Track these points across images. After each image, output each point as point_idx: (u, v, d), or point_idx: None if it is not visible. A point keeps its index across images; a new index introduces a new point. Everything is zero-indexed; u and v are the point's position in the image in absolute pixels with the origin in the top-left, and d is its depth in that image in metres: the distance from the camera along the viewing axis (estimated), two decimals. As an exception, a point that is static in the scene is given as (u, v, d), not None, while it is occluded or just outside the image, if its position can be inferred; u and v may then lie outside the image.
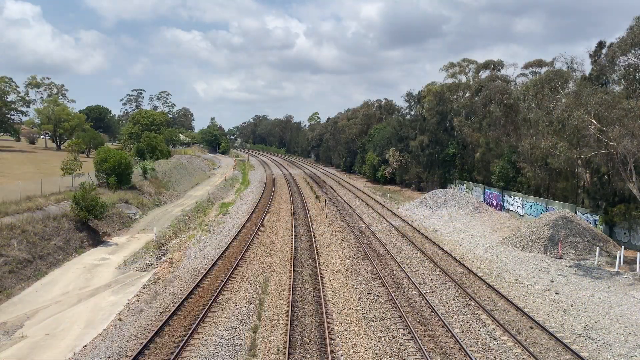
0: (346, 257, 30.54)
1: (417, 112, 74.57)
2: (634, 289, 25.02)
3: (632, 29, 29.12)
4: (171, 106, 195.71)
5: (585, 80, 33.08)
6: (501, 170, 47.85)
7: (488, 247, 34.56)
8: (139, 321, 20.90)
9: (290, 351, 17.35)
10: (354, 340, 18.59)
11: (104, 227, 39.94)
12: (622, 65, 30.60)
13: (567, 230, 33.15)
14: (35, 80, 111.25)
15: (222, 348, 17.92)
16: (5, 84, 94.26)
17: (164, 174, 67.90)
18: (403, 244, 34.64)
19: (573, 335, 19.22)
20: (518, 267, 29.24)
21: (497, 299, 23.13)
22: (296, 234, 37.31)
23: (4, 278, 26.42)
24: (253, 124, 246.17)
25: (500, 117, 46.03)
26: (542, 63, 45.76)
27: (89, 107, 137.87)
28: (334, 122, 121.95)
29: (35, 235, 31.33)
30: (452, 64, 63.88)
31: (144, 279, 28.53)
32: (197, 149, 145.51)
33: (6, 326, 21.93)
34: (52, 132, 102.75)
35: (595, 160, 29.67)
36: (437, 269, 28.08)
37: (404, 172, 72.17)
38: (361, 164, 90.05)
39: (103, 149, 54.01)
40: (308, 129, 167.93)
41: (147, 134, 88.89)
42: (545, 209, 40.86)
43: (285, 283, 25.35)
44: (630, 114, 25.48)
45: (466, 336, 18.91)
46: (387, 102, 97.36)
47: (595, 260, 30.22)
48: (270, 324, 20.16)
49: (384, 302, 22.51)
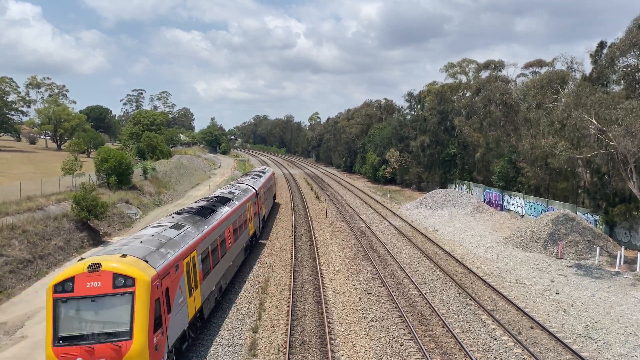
0: (346, 257, 30.55)
1: (418, 112, 74.56)
2: (634, 289, 25.02)
3: (631, 31, 29.12)
4: (171, 106, 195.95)
5: (586, 80, 33.05)
6: (501, 170, 47.84)
7: (488, 247, 34.56)
8: (139, 321, 20.88)
9: (290, 351, 17.37)
10: (355, 340, 18.60)
11: (105, 227, 39.98)
12: (622, 65, 30.58)
13: (568, 230, 33.15)
14: (36, 81, 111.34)
15: (222, 348, 17.94)
16: (5, 84, 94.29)
17: (165, 174, 67.95)
18: (403, 243, 34.64)
19: (573, 335, 19.22)
20: (518, 267, 29.24)
21: (498, 299, 23.14)
22: (296, 233, 37.32)
23: (5, 278, 26.44)
24: (253, 124, 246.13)
25: (501, 117, 46.01)
26: (542, 63, 45.72)
27: (89, 107, 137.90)
28: (334, 122, 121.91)
29: (36, 235, 31.35)
30: (452, 64, 63.89)
31: (144, 279, 28.52)
32: (198, 149, 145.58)
33: (7, 326, 21.95)
34: (53, 132, 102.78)
35: (595, 160, 29.62)
36: (438, 268, 28.08)
37: (404, 172, 72.17)
38: (361, 164, 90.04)
39: (103, 149, 54.00)
40: (308, 129, 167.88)
41: (147, 134, 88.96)
42: (545, 208, 40.86)
43: (285, 283, 25.36)
44: (631, 114, 25.47)
45: (466, 336, 18.92)
46: (388, 102, 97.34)
47: (596, 260, 30.22)
48: (271, 323, 20.17)
49: (385, 302, 22.52)
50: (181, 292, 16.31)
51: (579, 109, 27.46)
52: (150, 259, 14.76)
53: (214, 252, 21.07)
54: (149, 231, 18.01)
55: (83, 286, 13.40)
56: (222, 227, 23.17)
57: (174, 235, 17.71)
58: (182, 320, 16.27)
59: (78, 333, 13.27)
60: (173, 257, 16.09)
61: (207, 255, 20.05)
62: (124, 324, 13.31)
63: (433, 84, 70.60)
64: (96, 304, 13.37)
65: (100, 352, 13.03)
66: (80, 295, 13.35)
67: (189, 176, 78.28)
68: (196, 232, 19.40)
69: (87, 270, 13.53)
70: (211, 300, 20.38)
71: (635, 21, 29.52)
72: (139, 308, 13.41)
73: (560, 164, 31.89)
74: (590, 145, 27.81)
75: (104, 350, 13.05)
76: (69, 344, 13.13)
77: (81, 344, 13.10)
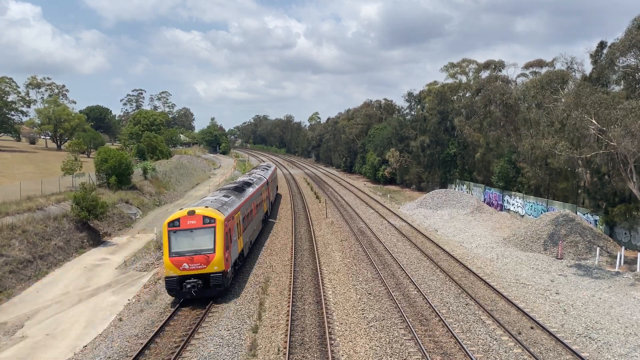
0: (346, 257, 30.55)
1: (418, 112, 74.52)
2: (634, 289, 25.02)
3: (630, 31, 29.11)
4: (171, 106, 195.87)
5: (586, 80, 33.04)
6: (501, 170, 47.84)
7: (488, 247, 34.55)
8: (139, 321, 20.93)
9: (290, 351, 17.36)
10: (355, 340, 18.60)
11: (105, 227, 39.96)
12: (622, 66, 30.57)
13: (568, 230, 33.15)
14: (36, 81, 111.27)
15: (222, 348, 17.93)
16: (5, 84, 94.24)
17: (165, 174, 67.94)
18: (403, 244, 34.63)
19: (573, 336, 19.22)
20: (518, 267, 29.23)
21: (498, 299, 23.13)
22: (296, 233, 37.32)
23: (5, 278, 26.43)
24: (253, 124, 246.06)
25: (501, 117, 46.00)
26: (542, 63, 45.70)
27: (89, 107, 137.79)
28: (334, 122, 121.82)
29: (36, 235, 31.34)
30: (452, 64, 63.84)
31: (144, 279, 28.54)
32: (198, 149, 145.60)
33: (7, 326, 21.94)
34: (53, 132, 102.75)
35: (595, 160, 29.60)
36: (438, 269, 28.08)
37: (404, 172, 72.16)
38: (361, 164, 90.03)
39: (103, 149, 54.00)
40: (308, 129, 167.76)
41: (147, 134, 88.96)
42: (545, 209, 40.85)
43: (285, 283, 25.36)
44: (631, 114, 25.46)
45: (466, 336, 18.91)
46: (387, 102, 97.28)
47: (596, 260, 30.21)
48: (271, 324, 20.17)
49: (385, 302, 22.51)
50: (234, 234, 25.66)
51: (579, 109, 27.45)
52: (220, 210, 24.26)
53: (247, 216, 30.61)
54: (209, 198, 28.16)
55: (185, 223, 22.61)
56: (250, 201, 32.57)
57: (226, 200, 27.46)
58: (236, 250, 25.76)
59: (182, 249, 22.37)
60: (230, 211, 25.38)
61: (245, 217, 29.45)
62: (210, 244, 22.52)
63: (433, 83, 70.56)
64: (193, 233, 22.59)
65: (197, 260, 22.26)
66: (184, 228, 22.57)
67: (189, 176, 78.28)
68: (237, 201, 29.02)
69: (187, 214, 22.78)
70: (247, 247, 29.97)
71: (635, 21, 29.52)
72: (218, 236, 22.63)
73: (560, 164, 31.88)
74: (590, 145, 27.79)
75: (199, 259, 22.27)
76: (178, 255, 22.26)
77: (185, 255, 22.25)
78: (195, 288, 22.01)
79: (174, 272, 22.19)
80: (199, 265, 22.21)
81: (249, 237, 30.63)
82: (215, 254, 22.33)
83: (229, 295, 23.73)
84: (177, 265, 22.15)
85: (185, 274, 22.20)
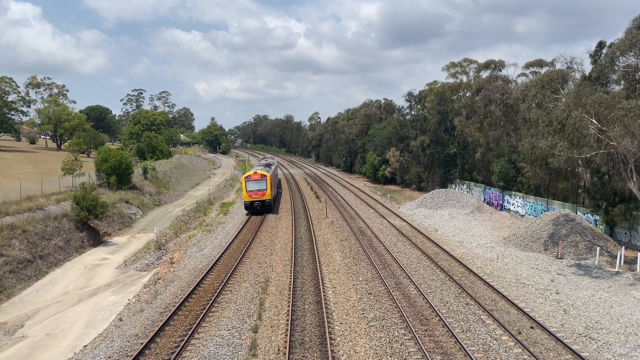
0: (347, 257, 30.55)
1: (418, 112, 74.54)
2: (634, 289, 25.03)
3: (630, 31, 29.12)
4: (171, 106, 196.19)
5: (586, 80, 33.05)
6: (501, 170, 47.86)
7: (488, 247, 34.56)
8: (139, 321, 20.92)
9: (290, 351, 17.36)
10: (355, 340, 18.60)
11: (105, 227, 39.97)
12: (622, 65, 30.58)
13: (568, 229, 33.15)
14: (36, 80, 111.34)
15: (222, 348, 17.93)
16: (5, 84, 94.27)
17: (165, 174, 67.94)
18: (403, 243, 34.63)
19: (573, 335, 19.22)
20: (518, 267, 29.23)
21: (498, 299, 23.14)
22: (296, 233, 37.32)
23: (5, 278, 26.44)
24: (254, 124, 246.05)
25: (501, 117, 46.02)
26: (542, 63, 45.70)
27: (89, 107, 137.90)
28: (334, 122, 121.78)
29: (36, 235, 31.35)
30: (453, 64, 63.91)
31: (144, 279, 28.56)
32: (198, 149, 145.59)
33: (7, 326, 21.95)
34: (53, 132, 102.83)
35: (595, 160, 29.63)
36: (438, 268, 28.08)
37: (404, 172, 72.17)
38: (361, 164, 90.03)
39: (103, 149, 54.03)
40: (308, 129, 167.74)
41: (147, 134, 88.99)
42: (545, 208, 40.86)
43: (285, 283, 25.36)
44: (631, 114, 25.46)
45: (467, 336, 18.92)
46: (387, 101, 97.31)
47: (596, 260, 30.22)
48: (271, 323, 20.17)
49: (385, 302, 22.51)
50: (272, 185, 47.01)
51: (579, 109, 27.44)
52: (267, 171, 47.05)
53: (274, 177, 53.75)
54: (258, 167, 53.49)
55: (252, 176, 45.42)
56: (274, 171, 56.85)
57: (266, 169, 49.69)
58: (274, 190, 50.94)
59: (252, 189, 44.77)
60: (270, 173, 47.58)
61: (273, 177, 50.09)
62: (265, 186, 44.91)
63: (434, 83, 70.60)
64: (257, 182, 44.88)
65: (258, 194, 44.69)
66: (253, 179, 45.08)
67: (189, 176, 78.28)
68: (270, 170, 50.28)
69: (253, 173, 46.02)
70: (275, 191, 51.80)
71: (634, 21, 29.55)
72: (268, 183, 45.04)
73: (560, 164, 31.87)
74: (590, 145, 27.78)
75: (260, 193, 44.74)
76: (251, 191, 44.71)
77: (253, 191, 44.71)
78: (258, 206, 44.52)
79: (249, 199, 44.50)
80: (260, 196, 44.52)
81: (275, 188, 54.28)
82: (267, 191, 44.75)
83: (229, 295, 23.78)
84: (249, 196, 44.43)
85: (254, 200, 44.51)
